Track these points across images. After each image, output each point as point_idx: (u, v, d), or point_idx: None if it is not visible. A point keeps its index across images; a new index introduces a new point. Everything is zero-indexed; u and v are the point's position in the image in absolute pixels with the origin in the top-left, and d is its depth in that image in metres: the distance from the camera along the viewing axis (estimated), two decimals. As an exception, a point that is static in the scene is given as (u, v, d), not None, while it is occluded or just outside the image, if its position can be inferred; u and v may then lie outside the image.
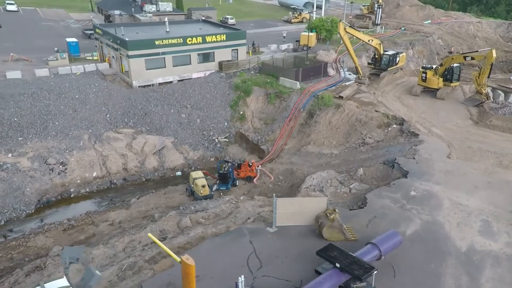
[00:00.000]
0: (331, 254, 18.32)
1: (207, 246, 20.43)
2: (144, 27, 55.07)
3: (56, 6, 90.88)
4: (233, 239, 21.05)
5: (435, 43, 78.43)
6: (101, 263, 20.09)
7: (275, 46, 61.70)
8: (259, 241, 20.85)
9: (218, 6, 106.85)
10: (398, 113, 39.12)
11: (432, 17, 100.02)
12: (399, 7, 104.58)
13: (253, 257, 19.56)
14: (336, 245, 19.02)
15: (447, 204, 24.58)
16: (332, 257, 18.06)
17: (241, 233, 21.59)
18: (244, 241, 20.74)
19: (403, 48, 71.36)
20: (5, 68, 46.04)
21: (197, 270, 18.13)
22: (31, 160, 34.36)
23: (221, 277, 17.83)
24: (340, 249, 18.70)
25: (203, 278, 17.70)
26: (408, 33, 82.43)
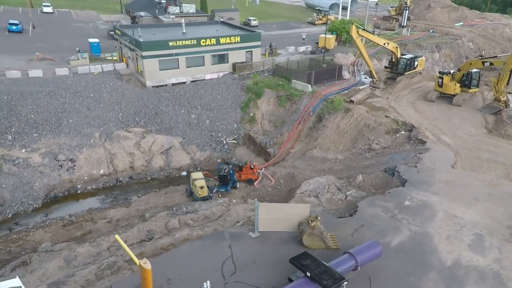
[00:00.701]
0: (303, 262, 18.04)
1: (186, 248, 20.52)
2: (163, 28, 56.21)
3: (89, 8, 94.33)
4: (213, 242, 21.07)
5: (464, 46, 75.54)
6: (84, 261, 20.66)
7: (293, 48, 61.40)
8: (238, 245, 20.77)
9: (244, 8, 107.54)
10: (408, 119, 38.00)
11: (465, 19, 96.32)
12: (430, 8, 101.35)
13: (229, 262, 19.47)
14: (310, 254, 18.71)
15: (441, 215, 23.66)
16: (304, 266, 17.79)
17: (222, 237, 21.59)
18: (223, 245, 20.70)
19: (428, 52, 69.39)
20: (30, 67, 48.31)
21: (171, 272, 18.57)
22: (42, 156, 35.87)
23: (191, 281, 17.86)
24: (314, 257, 18.39)
25: (174, 281, 17.87)
26: (436, 36, 79.85)
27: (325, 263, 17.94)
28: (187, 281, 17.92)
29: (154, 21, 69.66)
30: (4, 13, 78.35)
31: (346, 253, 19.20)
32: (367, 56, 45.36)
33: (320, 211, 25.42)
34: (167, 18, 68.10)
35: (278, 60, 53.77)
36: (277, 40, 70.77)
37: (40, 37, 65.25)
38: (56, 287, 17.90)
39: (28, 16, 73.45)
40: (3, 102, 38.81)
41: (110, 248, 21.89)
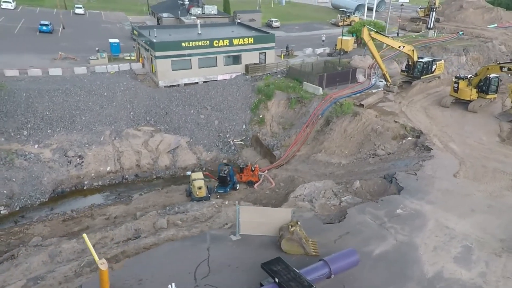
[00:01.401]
0: (274, 268, 17.85)
1: (165, 249, 20.61)
2: (180, 29, 57.11)
3: (118, 9, 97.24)
4: (193, 244, 21.07)
5: (495, 49, 72.18)
6: (68, 257, 21.20)
7: (311, 50, 60.87)
8: (217, 248, 20.70)
9: (270, 9, 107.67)
10: (418, 125, 36.80)
11: (500, 20, 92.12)
12: (462, 9, 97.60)
13: (205, 264, 19.37)
14: (283, 259, 18.47)
15: (432, 225, 22.80)
16: (274, 272, 17.59)
17: (203, 239, 21.56)
18: (202, 247, 20.65)
19: (454, 55, 66.99)
20: (52, 66, 50.43)
21: (144, 273, 18.70)
22: (53, 151, 37.29)
23: (162, 282, 17.77)
24: (286, 263, 18.16)
25: (145, 281, 17.97)
26: (466, 38, 76.88)
27: (296, 270, 17.69)
28: (158, 282, 17.98)
29: (176, 22, 70.95)
30: (39, 14, 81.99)
31: (321, 260, 18.90)
32: (380, 59, 44.28)
33: (311, 216, 25.13)
34: (188, 19, 69.18)
35: (292, 62, 53.43)
36: (296, 41, 70.46)
37: (68, 37, 67.92)
38: (34, 282, 18.47)
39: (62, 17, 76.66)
40: (22, 99, 40.66)
41: (95, 246, 22.39)
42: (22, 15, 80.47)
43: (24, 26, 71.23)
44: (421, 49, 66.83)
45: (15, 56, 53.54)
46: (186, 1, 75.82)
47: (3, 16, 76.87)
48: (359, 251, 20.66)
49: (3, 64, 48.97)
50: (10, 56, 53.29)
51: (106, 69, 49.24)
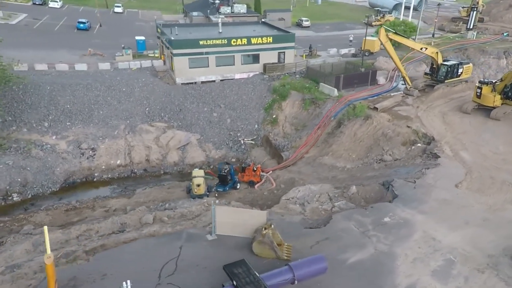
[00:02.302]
0: (234, 270, 17.57)
1: (138, 245, 20.79)
2: (202, 27, 57.84)
3: (156, 8, 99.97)
4: (167, 241, 21.15)
5: (542, 53, 67.33)
6: (51, 247, 21.86)
7: (335, 50, 59.62)
8: (190, 247, 20.65)
9: (305, 8, 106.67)
10: (431, 131, 35.06)
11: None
12: (511, 8, 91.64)
13: (173, 262, 19.28)
14: (246, 262, 18.15)
15: (418, 236, 21.66)
16: (234, 274, 17.31)
17: (178, 236, 21.60)
18: (175, 245, 20.65)
19: (493, 57, 63.47)
20: (79, 61, 52.81)
21: (110, 268, 18.71)
22: (68, 143, 39.02)
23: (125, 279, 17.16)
24: (248, 266, 17.85)
25: (108, 277, 18.07)
26: (510, 40, 72.33)
27: (256, 274, 17.38)
28: (121, 278, 17.45)
29: (206, 20, 71.92)
30: (81, 13, 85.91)
31: (286, 265, 18.50)
32: (399, 61, 42.55)
33: (298, 219, 24.69)
34: (217, 18, 69.85)
35: (312, 62, 52.62)
36: (324, 41, 69.35)
37: (102, 34, 70.84)
38: (11, 270, 19.15)
39: (101, 15, 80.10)
40: (46, 92, 42.87)
41: (79, 237, 23.10)
42: (65, 13, 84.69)
43: (65, 24, 74.99)
44: (455, 51, 63.74)
45: (49, 52, 56.56)
46: (217, 0, 76.78)
47: (48, 14, 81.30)
48: (334, 258, 20.11)
49: (37, 59, 51.89)
50: (45, 52, 56.35)
51: (128, 65, 50.90)
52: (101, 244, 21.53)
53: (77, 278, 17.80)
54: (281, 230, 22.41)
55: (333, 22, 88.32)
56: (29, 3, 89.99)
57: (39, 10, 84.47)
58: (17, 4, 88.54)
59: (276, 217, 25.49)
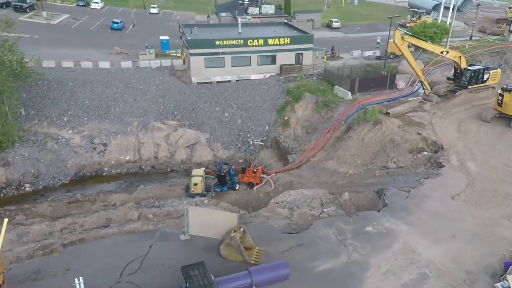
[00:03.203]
0: (191, 272, 17.30)
1: (109, 241, 21.16)
2: (223, 27, 58.10)
3: (190, 9, 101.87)
4: (139, 239, 21.31)
5: None
6: (34, 238, 22.65)
7: (359, 52, 58.03)
8: (160, 246, 20.73)
9: (340, 9, 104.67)
10: (442, 139, 33.29)
11: None
12: None
13: (139, 261, 19.38)
14: (205, 264, 17.76)
15: (397, 247, 20.65)
16: (189, 276, 17.05)
17: (152, 235, 21.74)
18: (146, 244, 20.76)
19: (532, 64, 59.18)
20: (104, 59, 54.78)
21: (76, 263, 19.14)
22: (82, 137, 40.59)
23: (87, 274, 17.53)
24: (206, 269, 17.55)
25: (71, 272, 18.30)
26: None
27: (212, 277, 17.13)
28: (82, 274, 17.52)
29: (234, 21, 72.30)
30: (119, 13, 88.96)
31: (246, 270, 18.23)
32: (416, 65, 40.68)
33: (282, 224, 24.29)
34: (244, 18, 70.14)
35: (332, 64, 51.56)
36: (352, 43, 67.76)
37: (133, 34, 73.14)
38: None
39: (137, 16, 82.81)
40: (68, 88, 44.89)
41: (63, 230, 23.85)
42: (104, 14, 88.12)
43: (101, 24, 78.01)
44: (491, 55, 60.15)
45: (80, 50, 59.11)
46: (246, 0, 76.96)
47: (88, 15, 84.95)
48: (303, 265, 19.65)
49: (66, 56, 54.42)
50: (76, 50, 58.98)
51: (149, 64, 52.23)
52: (80, 238, 22.06)
53: (41, 271, 18.30)
54: (257, 234, 22.21)
55: (365, 23, 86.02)
56: (74, 4, 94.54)
57: (81, 11, 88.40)
58: (62, 5, 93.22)
59: (261, 220, 25.31)
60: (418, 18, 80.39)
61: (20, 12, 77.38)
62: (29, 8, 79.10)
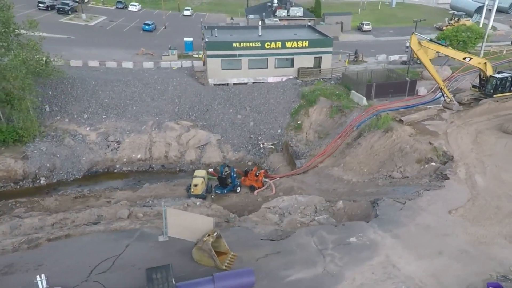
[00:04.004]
0: (153, 275, 17.18)
1: (88, 239, 21.47)
2: (245, 30, 58.08)
3: (223, 11, 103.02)
4: (117, 238, 21.50)
5: None
6: (25, 231, 23.46)
7: (384, 57, 56.19)
8: (137, 246, 20.81)
9: (376, 11, 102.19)
10: (454, 150, 31.44)
11: None
12: None
13: (111, 260, 19.50)
14: (170, 268, 17.49)
15: (377, 261, 19.68)
16: (150, 279, 17.01)
17: (130, 234, 21.88)
18: (123, 243, 20.91)
19: None
20: (132, 60, 56.45)
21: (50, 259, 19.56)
22: (98, 135, 41.96)
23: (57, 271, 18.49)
24: (170, 273, 17.32)
25: (42, 267, 18.69)
26: None
27: (173, 282, 16.97)
28: (53, 271, 18.50)
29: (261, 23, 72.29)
30: (155, 16, 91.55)
31: (211, 276, 18.00)
32: (435, 71, 38.71)
33: (268, 230, 23.85)
34: (271, 20, 70.02)
35: (353, 68, 50.26)
36: (380, 46, 65.89)
37: (163, 35, 74.94)
38: None
39: (170, 18, 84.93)
40: (90, 87, 46.67)
41: (54, 225, 24.59)
42: (140, 16, 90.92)
43: (135, 26, 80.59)
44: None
45: (109, 50, 61.36)
46: (275, 3, 76.73)
47: (125, 17, 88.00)
48: (275, 274, 19.21)
49: (96, 56, 56.56)
50: (105, 50, 61.26)
51: (170, 65, 53.26)
52: (66, 234, 22.47)
53: (13, 266, 18.87)
54: (236, 239, 21.99)
55: (399, 26, 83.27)
56: (113, 7, 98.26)
57: (119, 13, 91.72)
58: (102, 7, 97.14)
59: (249, 224, 24.96)
60: (456, 21, 76.76)
61: (63, 14, 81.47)
62: (71, 11, 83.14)
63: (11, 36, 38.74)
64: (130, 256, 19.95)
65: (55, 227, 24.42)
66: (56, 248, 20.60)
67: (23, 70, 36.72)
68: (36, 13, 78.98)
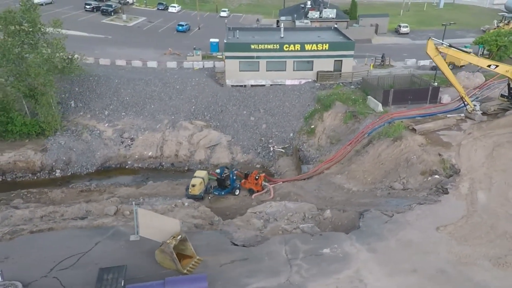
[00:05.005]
0: (104, 275, 17.34)
1: (63, 234, 22.01)
2: (268, 31, 57.55)
3: (260, 13, 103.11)
4: (90, 234, 21.85)
5: None
6: (14, 222, 24.40)
7: (414, 61, 53.63)
8: (107, 244, 21.02)
9: (420, 13, 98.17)
10: (463, 163, 29.32)
11: None
12: None
13: (77, 257, 19.76)
14: (123, 269, 17.68)
15: (345, 275, 18.78)
16: (100, 279, 17.18)
17: (104, 232, 22.21)
18: (93, 240, 21.19)
19: None
20: (159, 59, 57.92)
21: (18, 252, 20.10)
22: (114, 131, 43.34)
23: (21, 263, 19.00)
24: (121, 274, 17.38)
25: (9, 261, 19.31)
26: None
27: (121, 284, 16.96)
28: (17, 263, 19.07)
29: (292, 25, 71.64)
30: (192, 17, 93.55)
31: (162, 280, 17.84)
32: (455, 78, 36.34)
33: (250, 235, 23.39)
34: (301, 22, 69.21)
35: (375, 72, 48.42)
36: (414, 50, 63.12)
37: (196, 36, 76.13)
38: None
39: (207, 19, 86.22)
40: (113, 84, 48.38)
41: (43, 217, 25.44)
42: (178, 17, 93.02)
43: (171, 26, 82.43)
44: None
45: (139, 50, 63.30)
46: (308, 4, 75.61)
47: (163, 18, 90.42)
48: (235, 281, 18.89)
49: (126, 55, 58.60)
50: (135, 49, 63.26)
51: (192, 65, 54.05)
52: (49, 227, 23.25)
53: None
54: (207, 243, 21.86)
55: (441, 29, 78.93)
56: (155, 8, 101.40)
57: (158, 14, 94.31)
58: (144, 9, 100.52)
59: (231, 228, 24.69)
60: (506, 24, 71.71)
61: (106, 15, 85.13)
62: (113, 12, 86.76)
63: (37, 34, 41.03)
64: (97, 254, 20.17)
65: (43, 219, 25.29)
66: (28, 241, 21.22)
67: (45, 67, 38.78)
68: (83, 14, 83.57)
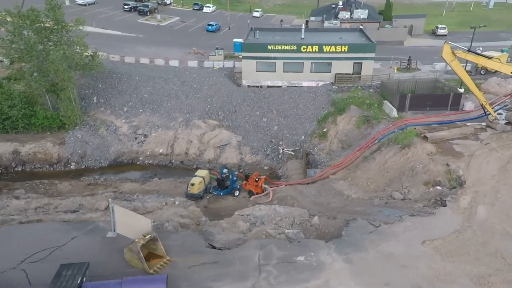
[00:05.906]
0: (63, 272, 17.14)
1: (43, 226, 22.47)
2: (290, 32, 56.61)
3: (294, 13, 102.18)
4: (68, 229, 22.11)
5: None
6: (9, 212, 25.40)
7: (443, 65, 50.94)
8: (82, 239, 21.23)
9: (466, 13, 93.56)
10: (470, 175, 27.36)
11: None
12: None
13: (49, 251, 19.96)
14: (85, 266, 17.45)
15: (313, 284, 18.08)
16: (58, 275, 16.98)
17: (82, 227, 22.46)
18: (71, 235, 21.44)
19: None
20: (182, 58, 58.80)
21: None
22: (129, 127, 44.32)
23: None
24: (81, 271, 17.18)
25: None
26: None
27: (77, 282, 16.92)
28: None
29: (321, 25, 70.42)
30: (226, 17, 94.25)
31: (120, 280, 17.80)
32: (473, 84, 34.05)
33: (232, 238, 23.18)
34: (330, 23, 67.84)
35: (397, 76, 46.50)
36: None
37: (224, 36, 76.48)
38: None
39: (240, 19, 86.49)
40: (134, 82, 49.63)
41: (37, 209, 26.25)
42: (211, 17, 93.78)
43: (202, 26, 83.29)
44: None
45: (166, 49, 64.50)
46: (340, 5, 73.92)
47: (196, 17, 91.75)
48: (200, 284, 18.66)
49: (152, 54, 60.04)
50: (162, 48, 64.50)
51: (212, 64, 54.38)
52: (38, 218, 24.04)
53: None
54: (181, 243, 21.80)
55: (487, 30, 74.46)
56: (191, 8, 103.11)
57: (192, 14, 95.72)
58: (179, 9, 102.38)
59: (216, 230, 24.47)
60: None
61: (142, 15, 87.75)
62: (149, 12, 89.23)
63: (62, 32, 42.86)
64: (70, 249, 20.38)
65: (37, 211, 26.21)
66: (9, 232, 21.80)
67: (64, 64, 40.42)
68: (121, 14, 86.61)
